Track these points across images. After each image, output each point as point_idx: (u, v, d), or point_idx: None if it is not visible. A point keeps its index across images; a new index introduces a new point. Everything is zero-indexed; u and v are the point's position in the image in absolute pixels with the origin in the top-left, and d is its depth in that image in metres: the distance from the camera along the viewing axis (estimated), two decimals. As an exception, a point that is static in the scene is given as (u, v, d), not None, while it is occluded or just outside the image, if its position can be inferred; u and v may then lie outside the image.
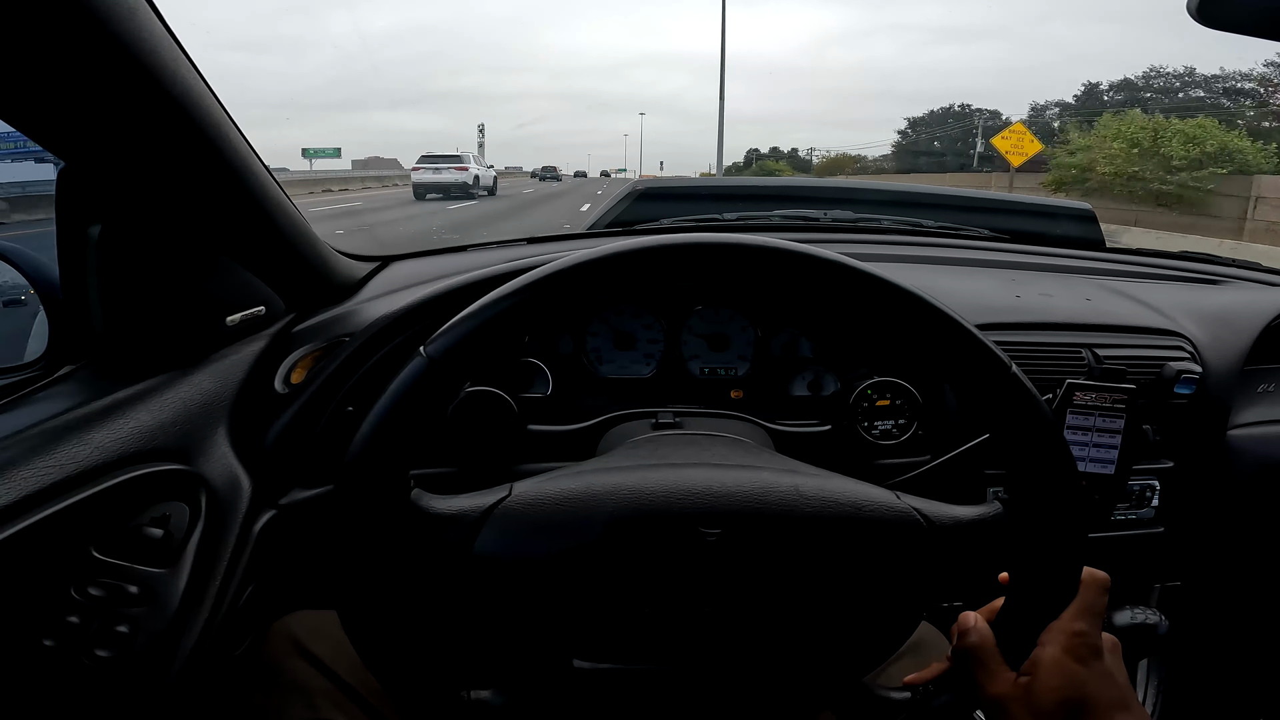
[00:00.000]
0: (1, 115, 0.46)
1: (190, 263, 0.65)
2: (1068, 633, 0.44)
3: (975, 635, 0.47)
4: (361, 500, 0.41)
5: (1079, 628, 0.44)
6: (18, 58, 0.42)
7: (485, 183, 20.63)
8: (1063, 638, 0.44)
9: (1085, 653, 0.44)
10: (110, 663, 0.49)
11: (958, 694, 0.48)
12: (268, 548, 0.63)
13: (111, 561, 0.51)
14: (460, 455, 0.77)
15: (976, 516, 0.46)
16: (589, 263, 0.41)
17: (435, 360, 0.41)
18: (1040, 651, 0.44)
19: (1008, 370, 0.42)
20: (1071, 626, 0.44)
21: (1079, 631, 0.44)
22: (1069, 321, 0.90)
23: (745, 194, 1.40)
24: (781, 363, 0.90)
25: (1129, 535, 0.89)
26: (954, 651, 0.49)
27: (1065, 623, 0.44)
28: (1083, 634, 0.44)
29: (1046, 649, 0.44)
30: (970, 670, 0.47)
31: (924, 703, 0.48)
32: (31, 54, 0.42)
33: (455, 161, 19.39)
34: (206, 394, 0.63)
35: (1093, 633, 0.44)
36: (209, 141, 0.56)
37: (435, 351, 0.41)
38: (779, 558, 0.45)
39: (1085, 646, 0.44)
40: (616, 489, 0.45)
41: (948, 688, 0.49)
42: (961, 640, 0.47)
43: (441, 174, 18.97)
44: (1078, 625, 0.44)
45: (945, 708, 0.48)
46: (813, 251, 0.42)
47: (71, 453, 0.50)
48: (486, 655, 0.60)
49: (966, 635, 0.47)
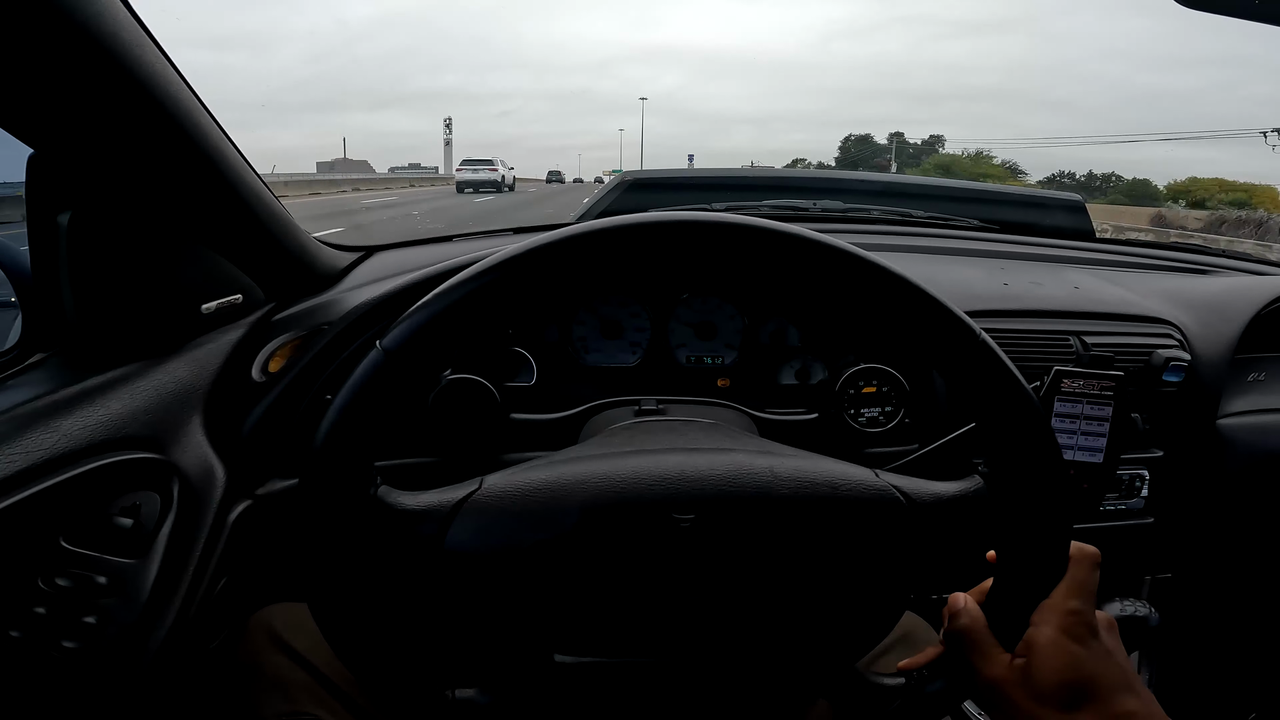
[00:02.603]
0: None
1: (164, 250, 0.64)
2: (1061, 611, 0.43)
3: (966, 617, 0.46)
4: (325, 496, 0.41)
5: (1072, 606, 0.43)
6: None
7: (508, 181, 28.65)
8: (1056, 617, 0.43)
9: (1082, 631, 0.42)
10: (78, 654, 0.49)
11: (951, 679, 0.47)
12: (243, 538, 0.62)
13: (80, 551, 0.50)
14: (442, 444, 0.76)
15: (957, 492, 0.45)
16: (545, 246, 0.40)
17: (391, 353, 0.40)
18: (1034, 632, 0.43)
19: (976, 337, 0.41)
20: (1065, 605, 0.43)
21: (1073, 610, 0.43)
22: (1057, 309, 0.89)
23: (735, 184, 1.40)
24: (769, 351, 0.89)
25: (1119, 526, 0.89)
26: (946, 634, 0.47)
27: (1058, 601, 0.43)
28: (1077, 612, 0.43)
29: (1041, 629, 0.43)
30: (964, 653, 0.46)
31: (918, 688, 0.48)
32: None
33: (488, 165, 27.88)
34: (180, 382, 0.62)
35: (1087, 610, 0.43)
36: (179, 128, 0.55)
37: (390, 344, 0.40)
38: (756, 541, 0.44)
39: (1081, 625, 0.42)
40: (588, 478, 0.44)
41: (941, 673, 0.48)
42: (952, 622, 0.46)
43: (479, 173, 26.91)
44: (1071, 603, 0.43)
45: (940, 693, 0.47)
46: (770, 225, 0.41)
47: (39, 440, 0.50)
48: (466, 652, 0.59)
49: (957, 617, 0.46)
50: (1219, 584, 1.01)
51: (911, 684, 0.48)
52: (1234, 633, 1.05)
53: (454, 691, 0.46)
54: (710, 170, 1.59)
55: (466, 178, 26.54)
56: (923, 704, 0.47)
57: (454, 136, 70.18)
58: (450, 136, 69.53)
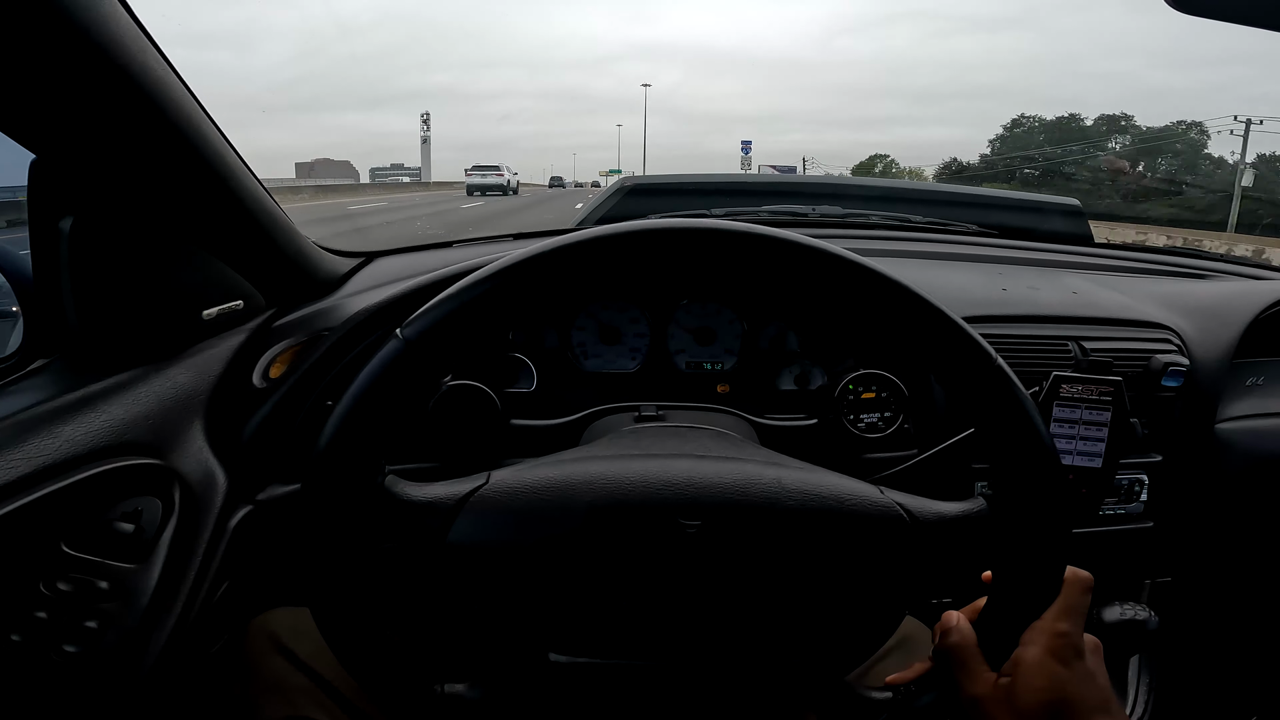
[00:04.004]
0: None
1: (165, 256, 0.64)
2: (1050, 633, 0.43)
3: (956, 635, 0.46)
4: (333, 486, 0.40)
5: (1062, 628, 0.44)
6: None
7: (512, 185, 31.09)
8: (1045, 638, 0.43)
9: (1068, 654, 0.43)
10: (79, 658, 0.49)
11: (940, 694, 0.47)
12: (244, 544, 0.62)
13: (81, 556, 0.50)
14: (442, 450, 0.76)
15: (960, 512, 0.46)
16: (569, 246, 0.40)
17: (412, 343, 0.39)
18: (1022, 652, 0.44)
19: (993, 363, 0.41)
20: (1054, 627, 0.44)
21: (1062, 632, 0.43)
22: (1055, 314, 0.89)
23: (734, 189, 1.40)
24: (768, 356, 0.90)
25: (1118, 530, 0.89)
26: (935, 651, 0.48)
27: (1048, 623, 0.44)
28: (1065, 634, 0.43)
29: (1028, 649, 0.44)
30: (950, 670, 0.46)
31: (906, 703, 0.48)
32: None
33: (495, 171, 30.85)
34: (181, 388, 0.63)
35: (1075, 633, 0.44)
36: (181, 134, 0.55)
37: (412, 334, 0.39)
38: (760, 551, 0.44)
39: (1068, 647, 0.43)
40: (596, 478, 0.44)
41: (930, 687, 0.48)
42: (943, 640, 0.47)
43: (487, 177, 30.10)
44: (1060, 626, 0.44)
45: (927, 708, 0.48)
46: (771, 233, 0.41)
47: (40, 446, 0.50)
48: (462, 648, 0.59)
49: (948, 635, 0.47)
50: (1218, 587, 1.01)
51: (899, 699, 0.48)
52: (1233, 636, 1.05)
53: (443, 686, 0.46)
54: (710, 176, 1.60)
55: (476, 182, 30.19)
56: (912, 718, 0.48)
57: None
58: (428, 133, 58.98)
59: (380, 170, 61.99)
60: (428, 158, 59.69)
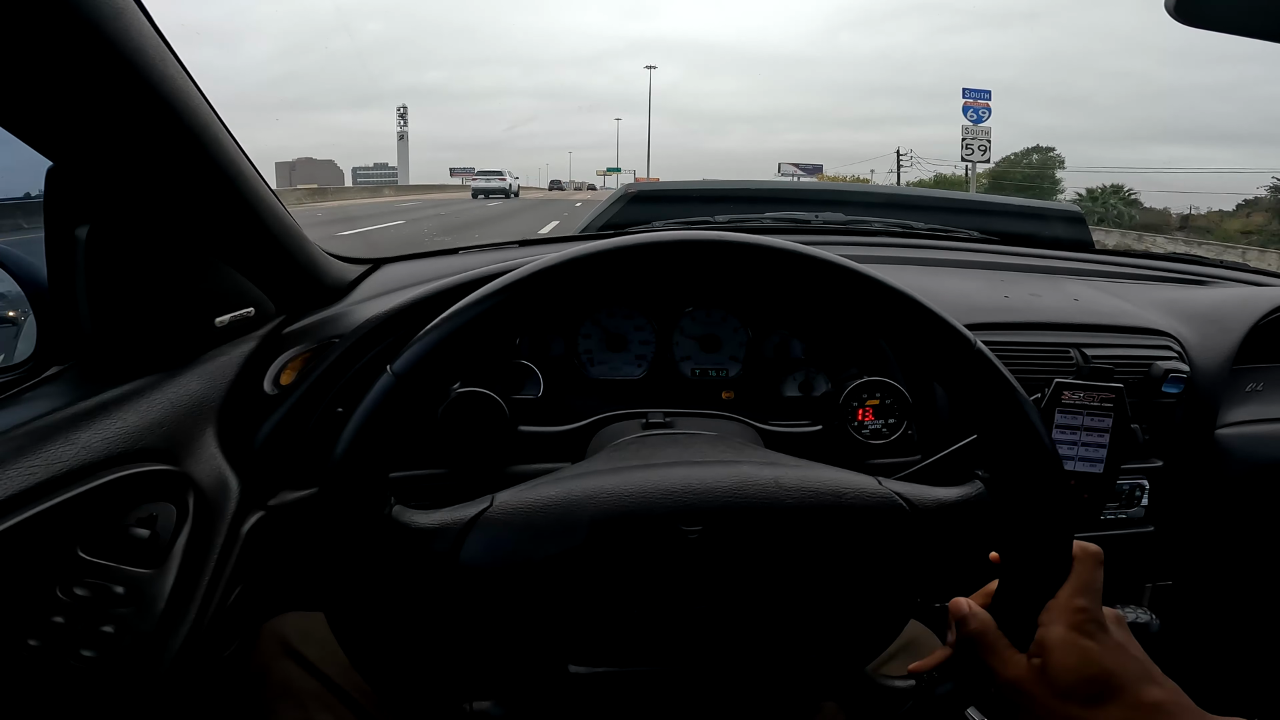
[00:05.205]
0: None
1: (179, 264, 0.65)
2: (1069, 609, 0.43)
3: (975, 621, 0.46)
4: (341, 515, 0.42)
5: (1079, 604, 0.43)
6: (5, 57, 0.42)
7: (514, 189, 33.03)
8: (1065, 615, 0.43)
9: (1091, 628, 0.43)
10: (96, 663, 0.49)
11: (960, 681, 0.48)
12: (256, 549, 0.63)
13: (98, 562, 0.51)
14: (451, 457, 0.77)
15: (959, 497, 0.46)
16: (557, 266, 0.41)
17: (402, 376, 0.41)
18: (1045, 631, 0.44)
19: (972, 346, 0.43)
20: (1072, 603, 0.43)
21: (1080, 607, 0.43)
22: (1057, 321, 0.90)
23: (737, 196, 1.41)
24: (773, 363, 0.90)
25: (1119, 535, 0.89)
26: (958, 639, 0.48)
27: (1064, 600, 0.44)
28: (1084, 609, 0.43)
29: (1051, 628, 0.43)
30: (979, 657, 0.46)
31: (928, 690, 0.48)
32: (19, 53, 0.42)
33: (498, 175, 32.75)
34: (194, 395, 0.63)
35: (1094, 608, 0.44)
36: (197, 142, 0.56)
37: (401, 368, 0.41)
38: (763, 551, 0.45)
39: (1089, 622, 0.43)
40: (596, 493, 0.45)
41: (950, 675, 0.49)
42: (963, 628, 0.47)
43: (490, 181, 31.94)
44: (1078, 601, 0.43)
45: (949, 695, 0.48)
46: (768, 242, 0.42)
47: (57, 453, 0.50)
48: (482, 663, 0.60)
49: (966, 622, 0.47)
50: (1219, 591, 1.01)
51: (921, 686, 0.49)
52: (1235, 639, 1.05)
53: (471, 704, 0.46)
54: (710, 183, 1.60)
55: (480, 185, 31.99)
56: (933, 706, 0.48)
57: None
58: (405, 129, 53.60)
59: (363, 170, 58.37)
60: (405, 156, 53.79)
